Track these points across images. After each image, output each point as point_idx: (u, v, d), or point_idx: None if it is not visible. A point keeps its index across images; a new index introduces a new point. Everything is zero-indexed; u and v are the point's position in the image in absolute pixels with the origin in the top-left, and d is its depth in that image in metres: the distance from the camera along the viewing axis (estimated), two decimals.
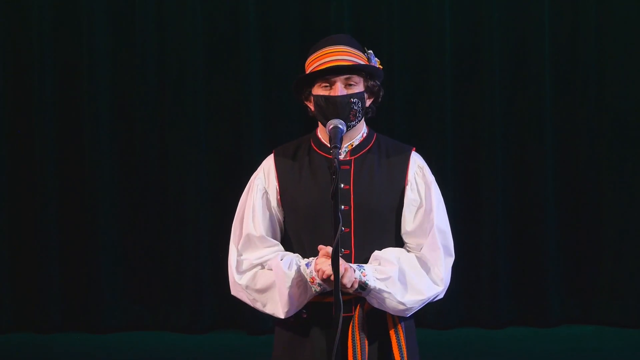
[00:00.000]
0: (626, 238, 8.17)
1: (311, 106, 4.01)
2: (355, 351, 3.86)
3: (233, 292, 4.05)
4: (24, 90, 8.27)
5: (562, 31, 8.21)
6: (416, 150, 4.07)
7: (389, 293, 3.85)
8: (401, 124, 8.07)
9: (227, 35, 8.26)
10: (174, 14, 8.26)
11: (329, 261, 3.76)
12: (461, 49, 8.20)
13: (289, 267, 3.89)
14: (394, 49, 8.06)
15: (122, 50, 8.29)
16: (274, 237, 4.03)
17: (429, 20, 8.16)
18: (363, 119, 4.03)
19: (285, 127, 8.11)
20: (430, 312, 7.22)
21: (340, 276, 3.74)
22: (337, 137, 3.83)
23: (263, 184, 4.05)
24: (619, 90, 8.16)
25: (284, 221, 4.04)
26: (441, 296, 3.97)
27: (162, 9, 8.28)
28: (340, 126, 3.87)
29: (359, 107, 3.93)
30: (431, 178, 4.02)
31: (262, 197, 4.03)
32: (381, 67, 4.03)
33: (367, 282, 3.83)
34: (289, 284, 3.87)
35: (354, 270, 3.83)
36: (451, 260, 3.97)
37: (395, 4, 8.15)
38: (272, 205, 4.03)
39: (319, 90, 3.95)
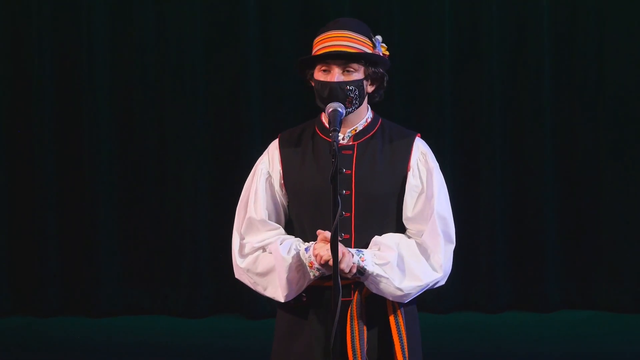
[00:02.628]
0: (625, 223, 8.18)
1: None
2: (353, 336, 3.86)
3: (236, 275, 4.05)
4: (23, 84, 8.27)
5: (561, 20, 8.20)
6: (421, 137, 4.05)
7: (387, 278, 3.84)
8: (400, 113, 8.06)
9: (226, 23, 8.25)
10: (172, 5, 8.24)
11: (327, 246, 3.75)
12: (460, 43, 8.20)
13: (288, 252, 3.89)
14: (394, 34, 8.05)
15: (121, 43, 8.28)
16: (278, 221, 4.03)
17: (429, 12, 8.14)
18: (367, 104, 4.02)
19: (285, 116, 8.11)
20: (429, 296, 7.21)
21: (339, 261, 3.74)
22: (336, 121, 3.81)
23: (267, 167, 4.04)
24: (618, 81, 8.17)
25: (287, 205, 4.04)
26: (442, 283, 3.96)
27: (161, 3, 8.26)
28: (339, 109, 3.85)
29: (355, 94, 3.91)
30: (434, 164, 3.99)
31: (266, 181, 4.03)
32: (387, 53, 4.00)
33: (365, 267, 3.83)
34: (288, 268, 3.87)
35: (352, 255, 3.82)
36: (452, 247, 3.95)
37: None
38: (275, 189, 4.03)
39: (319, 74, 3.94)
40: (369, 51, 3.94)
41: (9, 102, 8.29)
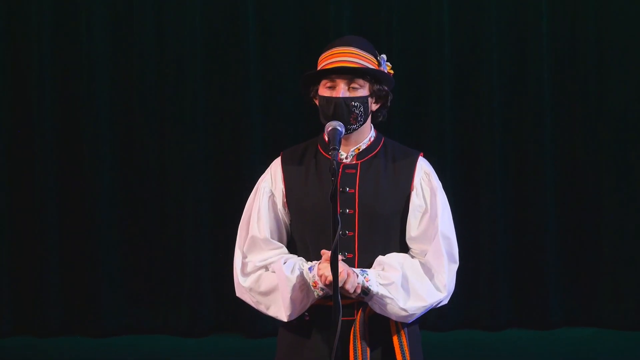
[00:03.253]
0: (627, 240, 8.17)
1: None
2: (356, 356, 3.85)
3: (238, 294, 4.04)
4: (23, 90, 8.25)
5: (561, 30, 8.20)
6: (423, 156, 4.06)
7: (391, 299, 3.83)
8: (400, 126, 8.05)
9: (226, 35, 8.25)
10: (172, 16, 8.25)
11: None
12: (460, 50, 8.19)
13: (291, 271, 3.88)
14: (393, 49, 8.06)
15: (120, 52, 8.28)
16: (280, 240, 4.03)
17: (428, 27, 8.15)
18: (370, 123, 4.02)
19: (285, 128, 8.10)
20: (430, 314, 7.18)
21: (343, 281, 3.74)
22: (335, 139, 3.81)
23: (269, 186, 4.03)
24: (619, 90, 8.15)
25: (290, 224, 4.03)
26: (445, 302, 3.96)
27: (161, 12, 8.27)
28: (339, 128, 3.85)
29: (360, 111, 3.91)
30: (437, 184, 4.00)
31: (268, 200, 4.02)
32: (392, 72, 4.01)
33: (369, 287, 3.82)
34: (292, 287, 3.87)
35: (357, 275, 3.81)
36: (455, 266, 3.95)
37: (394, 5, 8.14)
38: (278, 207, 4.02)
39: (323, 90, 3.93)
40: (375, 68, 3.94)
41: (8, 113, 8.27)
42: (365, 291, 3.82)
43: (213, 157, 8.26)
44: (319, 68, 3.95)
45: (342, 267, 3.76)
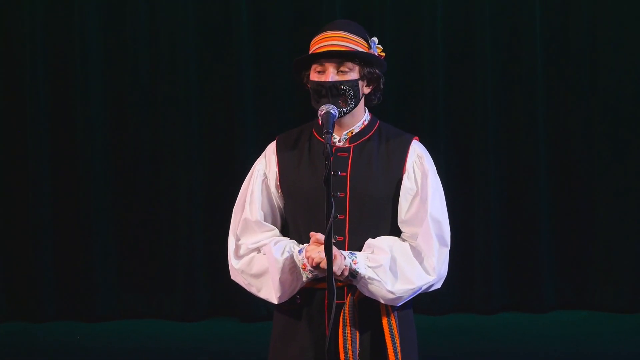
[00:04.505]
0: (619, 223, 8.19)
1: None
2: (345, 339, 3.84)
3: (232, 277, 4.05)
4: (16, 87, 8.26)
5: (554, 22, 8.21)
6: (419, 140, 4.06)
7: (379, 281, 3.82)
8: (392, 115, 8.06)
9: (219, 27, 8.25)
10: (165, 10, 8.24)
11: (319, 248, 3.75)
12: (453, 41, 8.21)
13: (281, 253, 3.88)
14: (386, 39, 8.06)
15: (114, 47, 8.28)
16: (274, 223, 4.03)
17: (421, 11, 8.15)
18: (364, 106, 4.02)
19: (279, 119, 8.11)
20: (424, 298, 7.22)
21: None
22: (329, 123, 3.80)
23: (264, 169, 4.04)
24: (611, 82, 8.17)
25: (283, 207, 4.04)
26: (437, 286, 3.93)
27: (153, 5, 8.26)
28: (332, 111, 3.84)
29: (350, 94, 3.90)
30: (430, 167, 3.98)
31: (262, 183, 4.03)
32: (383, 54, 4.00)
33: (357, 269, 3.82)
34: (281, 269, 3.87)
35: (345, 258, 3.81)
36: (446, 250, 3.92)
37: None
38: (271, 190, 4.03)
39: (314, 75, 3.93)
40: (364, 51, 3.94)
41: (1, 111, 8.28)
42: (353, 274, 3.82)
43: (206, 144, 8.27)
44: (309, 53, 3.95)
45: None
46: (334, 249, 3.77)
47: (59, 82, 8.26)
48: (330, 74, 3.89)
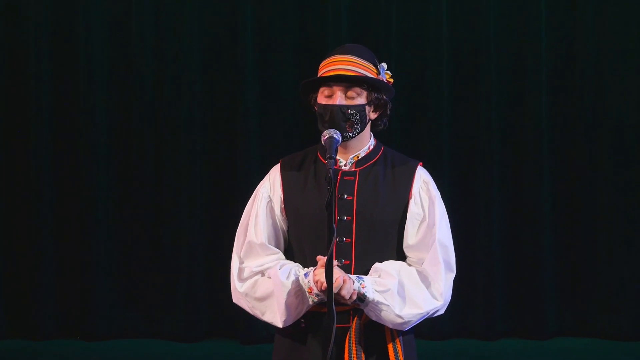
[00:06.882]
0: (622, 250, 8.17)
1: None
2: None
3: (234, 300, 4.04)
4: (20, 94, 8.26)
5: (560, 41, 8.21)
6: (422, 166, 4.06)
7: (387, 306, 3.83)
8: (397, 132, 8.06)
9: (223, 41, 8.25)
10: (171, 18, 8.25)
11: None
12: (458, 57, 8.20)
13: (287, 277, 3.88)
14: (392, 55, 8.06)
15: (119, 58, 8.28)
16: (277, 246, 4.03)
17: (427, 34, 8.16)
18: (370, 131, 4.03)
19: (282, 133, 8.10)
20: (425, 323, 7.20)
21: (339, 288, 3.73)
22: (332, 147, 3.82)
23: (268, 192, 4.04)
24: (616, 98, 8.15)
25: (287, 230, 4.04)
26: (441, 312, 3.96)
27: (159, 14, 8.27)
28: (335, 136, 3.86)
29: (356, 119, 3.91)
30: (436, 193, 4.01)
31: (266, 206, 4.03)
32: (391, 80, 4.02)
33: (365, 293, 3.82)
34: (287, 293, 3.87)
35: (353, 282, 3.81)
36: (452, 275, 3.95)
37: (393, 11, 8.15)
38: (276, 213, 4.03)
39: (321, 98, 3.95)
40: (373, 77, 3.95)
41: (4, 107, 8.27)
42: (361, 298, 3.82)
43: (209, 161, 8.26)
44: (318, 75, 3.96)
45: (338, 273, 3.77)
46: (343, 273, 3.78)
47: (62, 94, 8.25)
48: (338, 98, 3.91)
